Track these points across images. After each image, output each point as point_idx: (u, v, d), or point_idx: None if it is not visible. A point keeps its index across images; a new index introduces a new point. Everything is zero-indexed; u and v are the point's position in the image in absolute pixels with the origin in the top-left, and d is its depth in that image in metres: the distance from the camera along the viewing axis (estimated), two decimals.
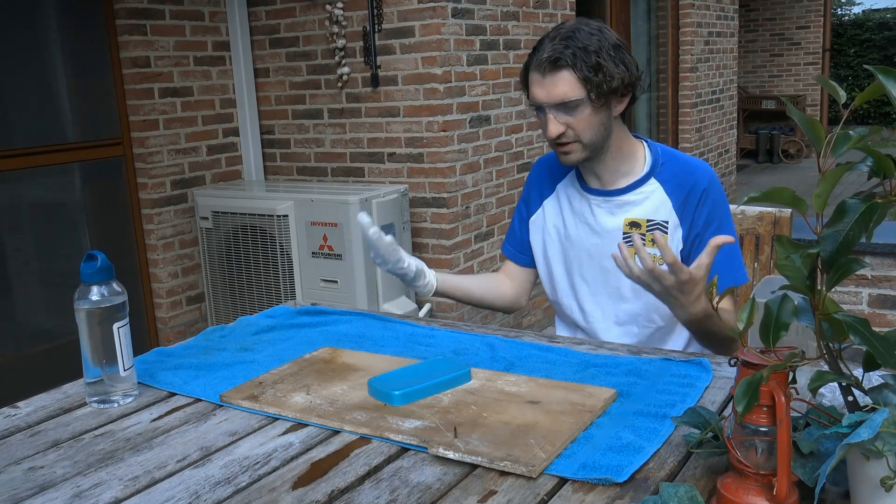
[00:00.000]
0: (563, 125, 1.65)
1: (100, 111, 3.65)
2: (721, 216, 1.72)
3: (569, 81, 1.62)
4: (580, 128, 1.65)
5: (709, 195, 1.71)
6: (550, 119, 1.65)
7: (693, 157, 1.80)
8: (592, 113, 1.64)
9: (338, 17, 3.75)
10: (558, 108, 1.63)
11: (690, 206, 1.71)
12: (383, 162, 3.84)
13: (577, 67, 1.60)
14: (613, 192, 1.76)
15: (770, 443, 0.91)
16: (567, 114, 1.64)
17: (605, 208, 1.76)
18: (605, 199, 1.77)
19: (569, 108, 1.63)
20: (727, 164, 7.58)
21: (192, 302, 3.92)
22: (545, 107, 1.65)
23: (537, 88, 1.65)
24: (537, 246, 1.90)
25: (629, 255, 1.48)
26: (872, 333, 0.89)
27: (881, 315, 3.38)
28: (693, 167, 1.75)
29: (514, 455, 1.08)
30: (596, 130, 1.67)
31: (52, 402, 1.40)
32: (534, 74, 1.66)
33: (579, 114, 1.64)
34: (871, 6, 24.79)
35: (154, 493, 1.06)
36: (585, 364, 1.44)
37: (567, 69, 1.61)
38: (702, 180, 1.72)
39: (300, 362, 1.50)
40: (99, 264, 1.33)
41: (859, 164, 0.89)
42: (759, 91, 11.33)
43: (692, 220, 1.71)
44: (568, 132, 1.66)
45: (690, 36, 6.55)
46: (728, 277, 1.69)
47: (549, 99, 1.63)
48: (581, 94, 1.62)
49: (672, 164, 1.75)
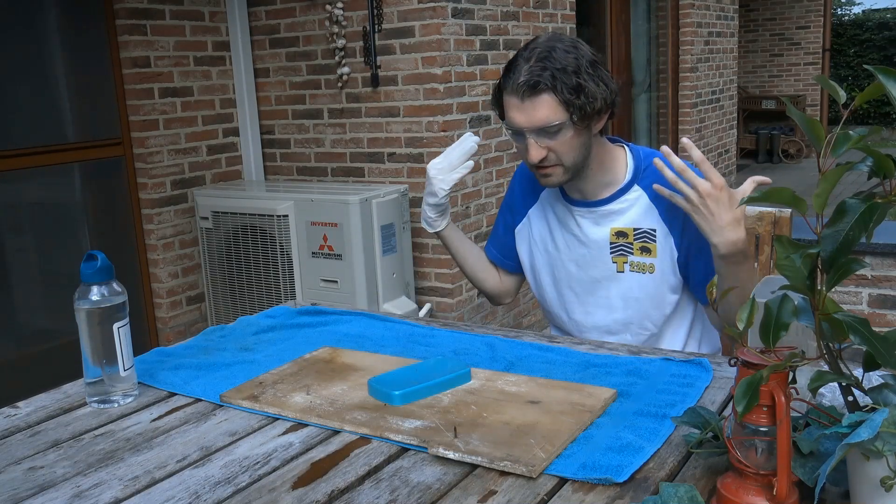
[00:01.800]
0: (545, 149, 1.59)
1: (100, 111, 3.65)
2: None
3: (550, 105, 1.55)
4: (562, 151, 1.59)
5: None
6: (531, 144, 1.58)
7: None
8: (574, 135, 1.59)
9: (338, 17, 3.75)
10: (539, 132, 1.57)
11: (680, 211, 1.62)
12: (383, 162, 3.84)
13: (557, 90, 1.53)
14: (597, 203, 1.72)
15: (770, 443, 0.91)
16: (548, 138, 1.58)
17: (590, 219, 1.73)
18: (589, 210, 1.73)
19: (550, 132, 1.57)
20: (727, 164, 7.58)
21: (192, 302, 3.92)
22: (525, 131, 1.58)
23: (516, 113, 1.58)
24: (524, 256, 1.88)
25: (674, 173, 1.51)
26: (872, 333, 0.89)
27: (881, 315, 3.37)
28: None
29: (514, 455, 1.08)
30: (577, 152, 1.61)
31: (52, 402, 1.40)
32: (511, 98, 1.58)
33: (561, 137, 1.58)
34: (871, 6, 24.79)
35: (154, 493, 1.06)
36: (585, 364, 1.44)
37: (547, 92, 1.54)
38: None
39: (300, 362, 1.50)
40: (99, 264, 1.33)
41: (859, 164, 0.89)
42: (759, 91, 11.33)
43: (683, 224, 1.66)
44: (550, 156, 1.60)
45: (690, 36, 6.55)
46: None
47: (531, 124, 1.57)
48: (563, 118, 1.55)
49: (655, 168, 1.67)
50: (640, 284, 1.71)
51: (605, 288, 1.74)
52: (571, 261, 1.77)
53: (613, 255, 1.72)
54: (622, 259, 1.71)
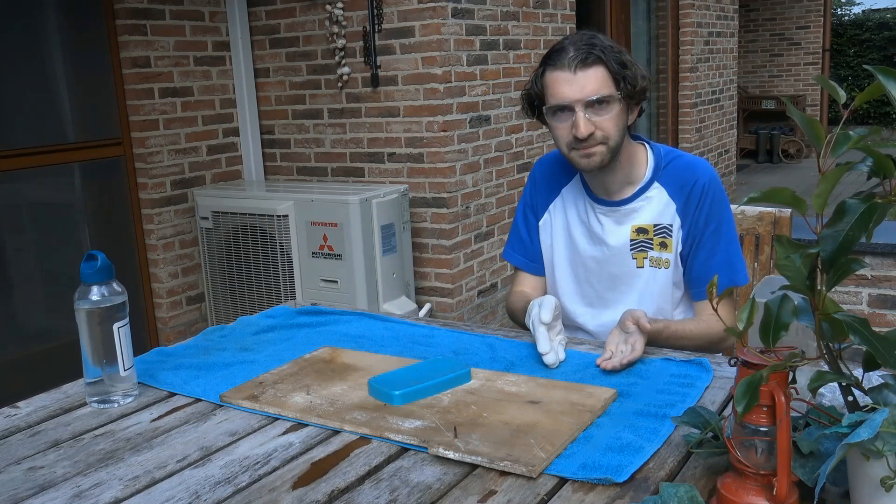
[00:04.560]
0: (592, 125, 1.61)
1: (100, 111, 3.65)
2: (720, 216, 1.71)
3: (601, 77, 1.60)
4: (608, 128, 1.62)
5: (707, 194, 1.70)
6: (581, 118, 1.59)
7: (695, 157, 1.79)
8: (620, 113, 1.63)
9: (338, 17, 3.75)
10: (590, 105, 1.60)
11: (691, 206, 1.70)
12: (383, 162, 3.84)
13: (609, 63, 1.59)
14: (619, 202, 1.74)
15: (770, 443, 0.91)
16: (597, 113, 1.60)
17: (613, 218, 1.75)
18: (612, 210, 1.75)
19: (601, 104, 1.60)
20: (727, 164, 7.58)
21: (192, 302, 3.92)
22: (575, 105, 1.60)
23: (565, 86, 1.60)
24: (545, 251, 1.88)
25: (614, 363, 1.43)
26: (872, 333, 0.89)
27: (881, 315, 3.37)
28: (694, 166, 1.74)
29: (514, 455, 1.08)
30: (620, 133, 1.65)
31: (52, 402, 1.40)
32: (561, 73, 1.61)
33: (609, 112, 1.61)
34: (871, 6, 24.78)
35: (154, 493, 1.06)
36: (585, 364, 1.44)
37: (600, 65, 1.59)
38: (701, 179, 1.71)
39: (300, 362, 1.50)
40: (99, 264, 1.33)
41: (859, 164, 0.89)
42: (759, 91, 11.32)
43: (692, 219, 1.70)
44: (596, 133, 1.61)
45: (690, 36, 6.55)
46: (725, 279, 1.68)
47: (583, 95, 1.59)
48: (613, 91, 1.60)
49: (674, 165, 1.74)
50: (656, 279, 1.74)
51: (624, 283, 1.76)
52: (591, 258, 1.78)
53: (634, 251, 1.74)
54: (642, 255, 1.74)
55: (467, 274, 3.85)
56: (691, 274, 1.72)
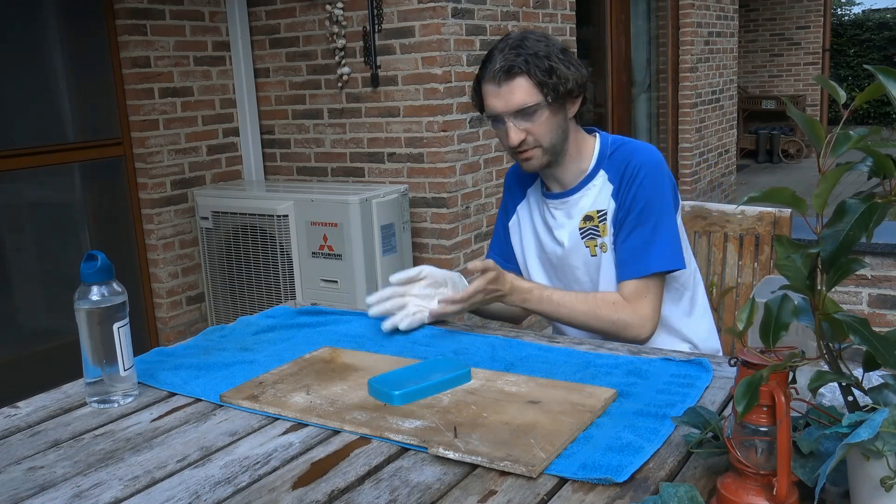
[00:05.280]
0: (523, 132, 1.67)
1: (100, 111, 3.65)
2: (647, 199, 1.68)
3: (525, 88, 1.64)
4: (539, 132, 1.67)
5: (637, 176, 1.69)
6: (510, 128, 1.67)
7: (643, 143, 1.79)
8: (550, 116, 1.67)
9: (338, 17, 3.75)
10: (517, 115, 1.66)
11: (623, 187, 1.72)
12: (383, 162, 3.84)
13: (531, 73, 1.63)
14: (568, 193, 1.78)
15: (770, 443, 0.91)
16: (526, 120, 1.66)
17: (563, 210, 1.79)
18: (563, 202, 1.79)
19: (527, 114, 1.66)
20: (727, 164, 7.58)
21: (192, 302, 3.92)
22: (504, 116, 1.67)
23: (493, 99, 1.67)
24: (518, 252, 1.92)
25: (445, 307, 1.63)
26: (872, 333, 0.89)
27: (881, 315, 3.38)
28: (633, 150, 1.74)
29: (514, 455, 1.08)
30: (554, 133, 1.69)
31: (52, 402, 1.40)
32: (488, 86, 1.67)
33: (538, 119, 1.66)
34: (871, 6, 24.78)
35: (154, 493, 1.06)
36: (585, 364, 1.44)
37: (522, 75, 1.64)
38: (635, 162, 1.71)
39: (300, 362, 1.50)
40: (99, 264, 1.33)
41: (859, 164, 0.89)
42: (759, 91, 11.33)
43: (621, 200, 1.72)
44: (528, 139, 1.68)
45: (690, 36, 6.55)
46: (639, 264, 1.67)
47: (508, 107, 1.65)
48: (538, 99, 1.65)
49: (619, 151, 1.76)
50: (608, 264, 1.76)
51: (585, 274, 1.79)
52: (553, 253, 1.83)
53: (585, 240, 1.77)
54: (593, 243, 1.77)
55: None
56: (616, 257, 1.73)
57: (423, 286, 1.68)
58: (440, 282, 1.70)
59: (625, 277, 1.70)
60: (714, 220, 2.04)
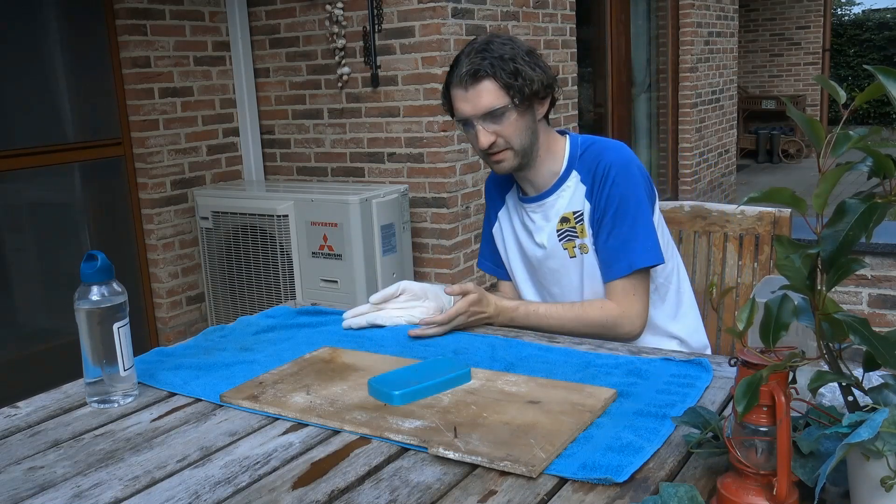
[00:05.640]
0: (493, 134, 1.68)
1: (100, 111, 3.65)
2: (621, 196, 1.68)
3: (491, 90, 1.65)
4: (509, 134, 1.68)
5: (609, 175, 1.69)
6: (480, 131, 1.68)
7: (612, 141, 1.79)
8: (518, 118, 1.68)
9: (338, 17, 3.75)
10: (485, 118, 1.67)
11: (596, 187, 1.72)
12: (383, 162, 3.84)
13: (497, 76, 1.64)
14: (543, 196, 1.79)
15: (770, 443, 0.91)
16: (494, 123, 1.67)
17: (540, 213, 1.80)
18: (539, 205, 1.79)
19: (495, 116, 1.66)
20: (727, 164, 7.58)
21: (192, 302, 3.92)
22: (472, 119, 1.68)
23: (462, 103, 1.68)
24: (503, 256, 1.94)
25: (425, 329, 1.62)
26: (872, 333, 0.89)
27: (881, 315, 3.37)
28: (603, 149, 1.74)
29: (514, 455, 1.08)
30: (524, 134, 1.70)
31: (52, 402, 1.40)
32: (456, 91, 1.69)
33: (506, 120, 1.67)
34: (871, 6, 24.78)
35: (154, 493, 1.06)
36: (585, 364, 1.44)
37: (488, 79, 1.65)
38: (606, 161, 1.71)
39: (300, 362, 1.50)
40: (99, 264, 1.33)
41: (859, 164, 0.89)
42: (759, 91, 11.33)
43: (595, 200, 1.72)
44: (498, 141, 1.69)
45: (690, 36, 6.55)
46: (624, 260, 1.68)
47: (476, 111, 1.67)
48: (505, 101, 1.65)
49: (589, 151, 1.76)
50: (587, 266, 1.76)
51: (564, 276, 1.79)
52: (533, 256, 1.83)
53: (563, 242, 1.78)
54: (571, 244, 1.77)
55: (467, 274, 3.85)
56: (598, 256, 1.74)
57: (403, 300, 1.71)
58: (419, 294, 1.71)
59: (610, 278, 1.71)
60: (714, 220, 2.04)
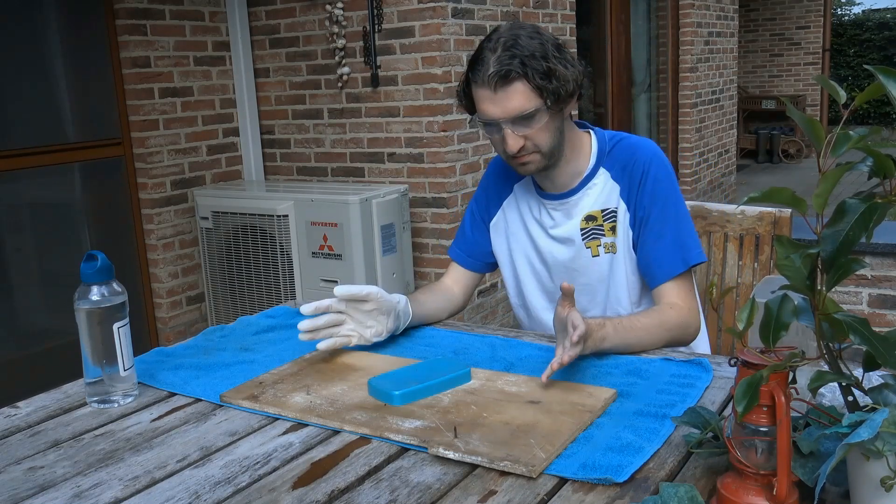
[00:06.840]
0: (522, 138, 1.56)
1: (100, 111, 3.65)
2: (665, 195, 1.65)
3: (523, 93, 1.53)
4: (539, 137, 1.58)
5: (649, 174, 1.65)
6: (509, 134, 1.56)
7: (640, 138, 1.75)
8: (550, 121, 1.57)
9: (338, 17, 3.75)
10: (515, 122, 1.55)
11: (634, 187, 1.66)
12: (383, 162, 3.84)
13: (529, 77, 1.51)
14: (567, 194, 1.72)
15: (770, 443, 0.91)
16: (525, 126, 1.55)
17: (562, 211, 1.73)
18: (561, 203, 1.72)
19: (526, 119, 1.55)
20: (727, 164, 7.58)
21: (192, 302, 3.92)
22: (501, 122, 1.55)
23: (488, 105, 1.55)
24: (502, 250, 1.85)
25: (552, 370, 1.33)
26: (872, 333, 0.89)
27: (881, 315, 3.37)
28: (636, 147, 1.70)
29: (514, 455, 1.08)
30: (553, 137, 1.60)
31: (52, 402, 1.40)
32: (482, 91, 1.55)
33: (537, 124, 1.56)
34: (871, 6, 24.77)
35: (154, 493, 1.06)
36: (585, 364, 1.44)
37: (519, 80, 1.52)
38: (642, 159, 1.66)
39: (300, 362, 1.50)
40: (99, 264, 1.33)
41: (859, 164, 0.89)
42: (759, 91, 11.32)
43: (636, 201, 1.66)
44: (527, 144, 1.58)
45: (690, 36, 6.54)
46: (678, 258, 1.63)
47: (506, 114, 1.54)
48: (537, 104, 1.54)
49: (618, 148, 1.70)
50: (612, 266, 1.71)
51: (583, 275, 1.73)
52: (549, 252, 1.76)
53: (586, 241, 1.71)
54: (595, 243, 1.72)
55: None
56: (643, 260, 1.67)
57: (368, 309, 1.54)
58: (386, 311, 1.56)
59: (665, 279, 1.63)
60: (714, 220, 2.04)
